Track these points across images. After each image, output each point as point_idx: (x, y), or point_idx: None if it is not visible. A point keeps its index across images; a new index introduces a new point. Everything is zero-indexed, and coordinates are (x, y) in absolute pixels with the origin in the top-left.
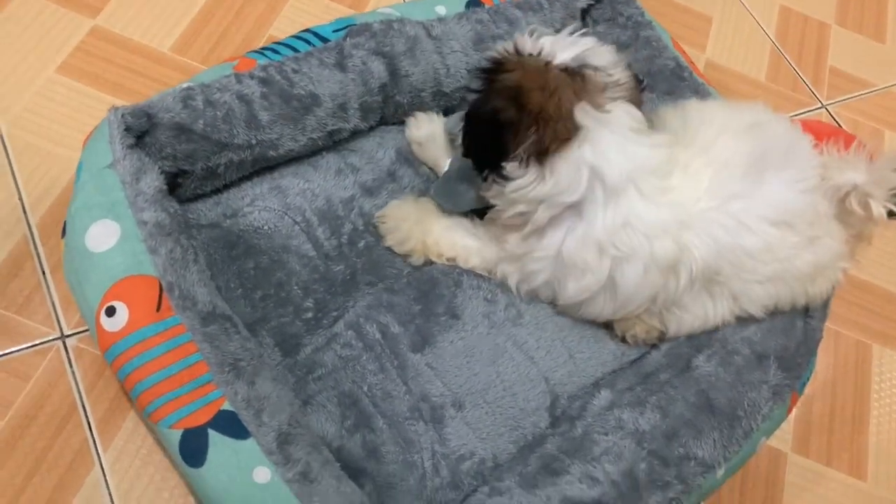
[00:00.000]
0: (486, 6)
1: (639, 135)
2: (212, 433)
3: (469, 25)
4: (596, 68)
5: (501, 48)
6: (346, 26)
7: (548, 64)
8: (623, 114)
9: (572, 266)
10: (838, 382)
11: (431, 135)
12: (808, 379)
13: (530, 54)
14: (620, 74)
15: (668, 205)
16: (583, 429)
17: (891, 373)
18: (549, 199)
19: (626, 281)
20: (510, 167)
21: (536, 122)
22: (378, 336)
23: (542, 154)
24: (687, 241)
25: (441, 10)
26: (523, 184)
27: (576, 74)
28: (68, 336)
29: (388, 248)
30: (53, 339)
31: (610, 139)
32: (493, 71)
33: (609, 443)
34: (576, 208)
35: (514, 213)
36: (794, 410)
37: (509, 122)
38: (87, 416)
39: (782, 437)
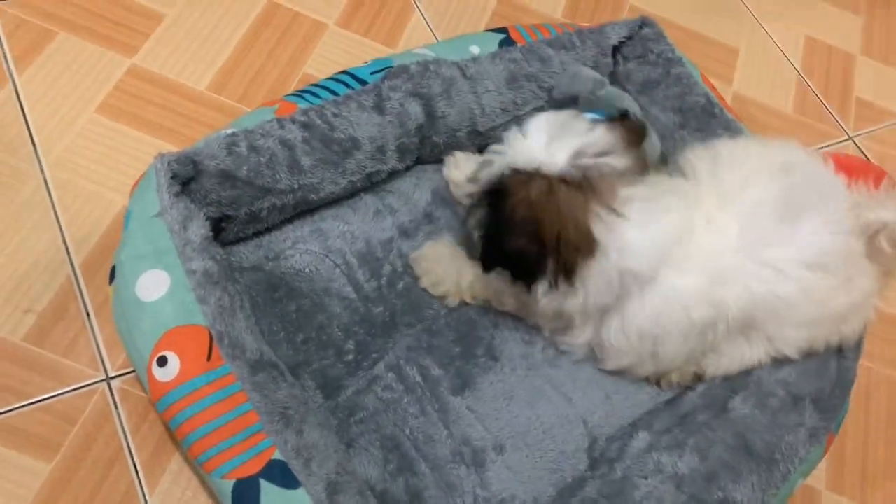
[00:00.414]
0: (519, 45)
1: (654, 204)
2: (263, 483)
3: (502, 65)
4: (598, 168)
5: (497, 169)
6: (384, 68)
7: (551, 183)
8: (635, 198)
9: (612, 350)
10: (871, 418)
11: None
12: (842, 419)
13: (529, 172)
14: (620, 157)
15: (699, 269)
16: (622, 472)
17: None
18: (585, 307)
19: (666, 351)
20: (540, 289)
21: (558, 250)
22: (419, 378)
23: (569, 273)
24: (722, 298)
25: (475, 50)
26: (556, 298)
27: (581, 183)
28: (113, 378)
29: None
30: (99, 381)
31: (632, 235)
32: (499, 195)
33: (649, 487)
34: (613, 306)
35: (550, 312)
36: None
37: (531, 256)
38: (132, 459)
39: (817, 475)
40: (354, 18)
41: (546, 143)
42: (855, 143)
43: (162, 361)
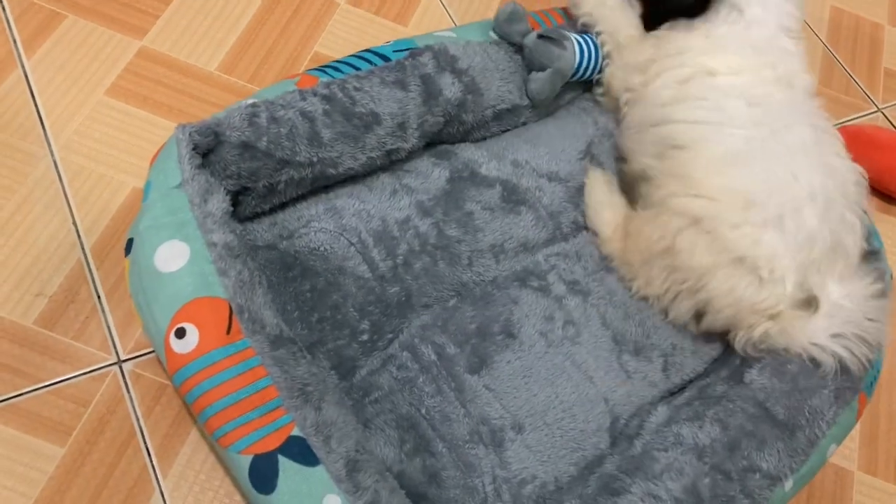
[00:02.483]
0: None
1: None
2: (282, 459)
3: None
4: None
5: None
6: (408, 48)
7: None
8: None
9: None
10: None
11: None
12: (875, 378)
13: None
14: None
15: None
16: (641, 447)
17: None
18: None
19: None
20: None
21: None
22: (434, 357)
23: None
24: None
25: (493, 35)
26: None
27: None
28: (125, 361)
29: (445, 269)
30: (111, 365)
31: None
32: None
33: (669, 459)
34: None
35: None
36: (859, 427)
37: None
38: (145, 443)
39: (849, 456)
40: None
41: None
42: (884, 114)
43: (180, 333)
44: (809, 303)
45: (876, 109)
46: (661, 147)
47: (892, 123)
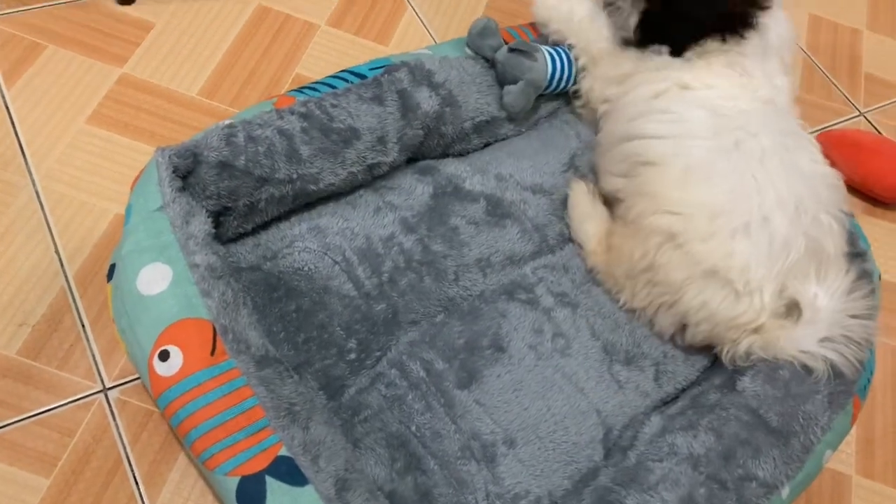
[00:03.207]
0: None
1: None
2: (269, 480)
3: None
4: None
5: None
6: (384, 66)
7: None
8: None
9: None
10: None
11: (570, 12)
12: (868, 381)
13: None
14: None
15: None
16: (636, 458)
17: None
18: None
19: None
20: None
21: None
22: (423, 374)
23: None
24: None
25: (468, 51)
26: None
27: None
28: (110, 388)
29: (431, 284)
30: (96, 393)
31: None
32: None
33: (664, 469)
34: None
35: None
36: (855, 431)
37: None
38: (132, 470)
39: (846, 461)
40: (346, 17)
41: None
42: (867, 118)
43: (164, 356)
44: (792, 310)
45: (858, 113)
46: (629, 165)
47: (874, 127)
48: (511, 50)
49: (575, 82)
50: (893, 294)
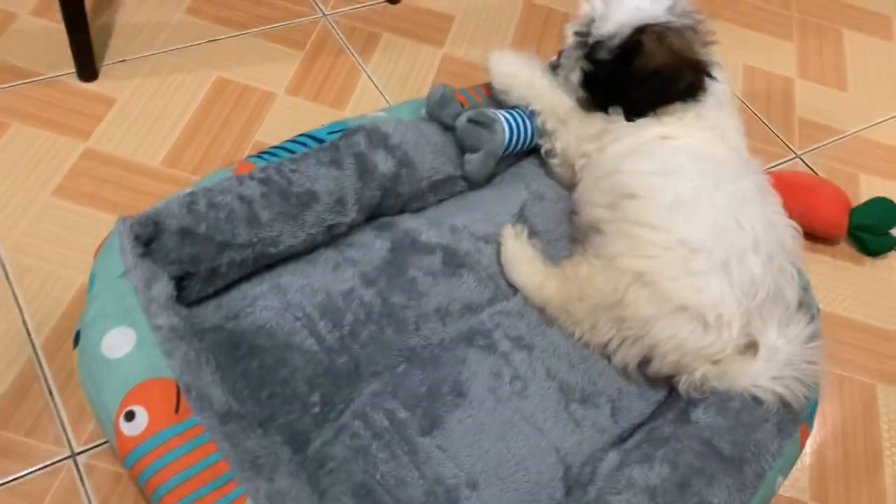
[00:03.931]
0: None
1: None
2: None
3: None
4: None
5: (615, 27)
6: (340, 130)
7: (677, 31)
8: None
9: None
10: (847, 426)
11: (530, 78)
12: (814, 409)
13: (656, 24)
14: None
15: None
16: (595, 492)
17: None
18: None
19: None
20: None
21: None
22: (386, 423)
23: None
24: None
25: (423, 113)
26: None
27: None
28: (79, 453)
29: (392, 335)
30: (65, 458)
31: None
32: (633, 46)
33: (623, 502)
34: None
35: None
36: (809, 458)
37: (677, 84)
38: None
39: (800, 487)
40: (303, 85)
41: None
42: (802, 160)
43: (129, 416)
44: (748, 348)
45: (794, 156)
46: (613, 196)
47: (809, 167)
48: (469, 121)
49: (532, 142)
50: (834, 325)
